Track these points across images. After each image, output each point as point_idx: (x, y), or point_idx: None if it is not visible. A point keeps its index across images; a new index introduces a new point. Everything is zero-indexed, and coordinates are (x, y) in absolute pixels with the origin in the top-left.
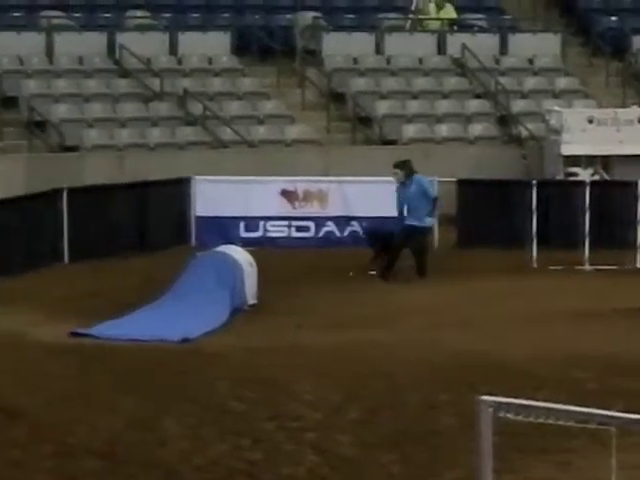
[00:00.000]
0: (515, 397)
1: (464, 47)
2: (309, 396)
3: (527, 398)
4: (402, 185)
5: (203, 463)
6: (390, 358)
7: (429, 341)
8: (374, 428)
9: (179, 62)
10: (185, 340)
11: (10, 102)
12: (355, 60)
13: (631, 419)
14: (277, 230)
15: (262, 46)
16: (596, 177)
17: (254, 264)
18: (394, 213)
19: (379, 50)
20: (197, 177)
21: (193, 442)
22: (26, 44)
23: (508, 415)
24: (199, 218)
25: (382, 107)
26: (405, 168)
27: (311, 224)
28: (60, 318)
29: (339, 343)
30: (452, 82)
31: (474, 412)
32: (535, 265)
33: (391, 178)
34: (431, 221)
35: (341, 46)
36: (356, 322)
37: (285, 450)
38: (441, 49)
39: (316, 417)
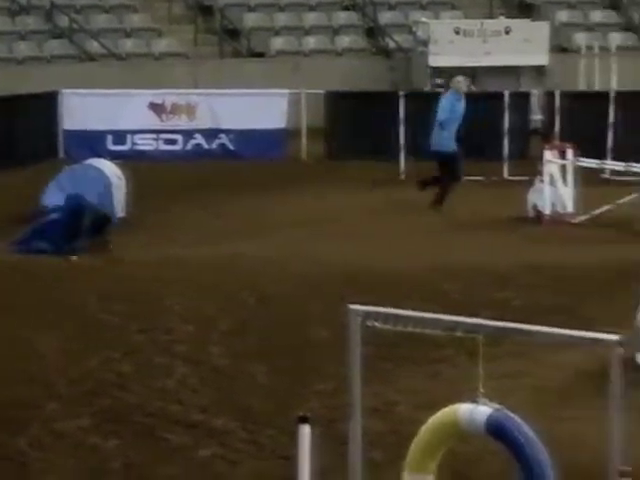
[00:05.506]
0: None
1: None
2: (180, 309)
3: (396, 308)
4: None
5: (75, 376)
6: (263, 271)
7: (302, 253)
8: (245, 340)
9: None
10: (55, 252)
11: None
12: None
13: (497, 327)
14: (145, 143)
15: None
16: None
17: (122, 177)
18: (260, 125)
19: None
20: (65, 90)
21: (64, 355)
22: None
23: (376, 324)
24: (67, 132)
25: (250, 19)
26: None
27: (179, 137)
28: None
29: (210, 256)
30: None
31: (344, 324)
32: (403, 177)
33: (258, 90)
34: None
35: None
36: (229, 235)
37: (156, 362)
38: None
39: (187, 329)
